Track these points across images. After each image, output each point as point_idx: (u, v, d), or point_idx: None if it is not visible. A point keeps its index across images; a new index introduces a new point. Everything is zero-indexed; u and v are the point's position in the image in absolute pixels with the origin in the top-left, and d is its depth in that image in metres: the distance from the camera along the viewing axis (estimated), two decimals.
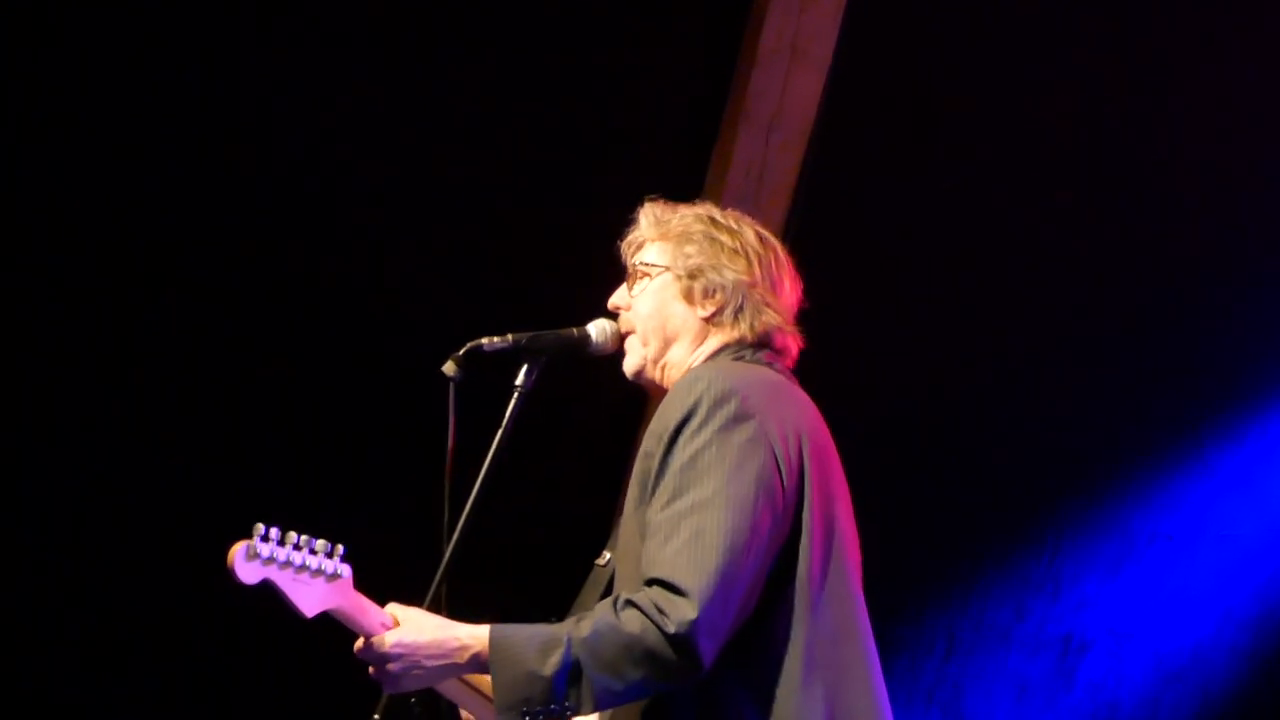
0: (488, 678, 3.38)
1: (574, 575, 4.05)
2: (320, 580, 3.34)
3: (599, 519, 6.23)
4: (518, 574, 6.37)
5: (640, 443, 3.44)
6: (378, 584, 3.48)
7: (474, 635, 3.35)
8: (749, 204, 6.29)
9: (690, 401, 3.38)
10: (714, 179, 6.43)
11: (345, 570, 3.37)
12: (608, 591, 3.58)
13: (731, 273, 3.62)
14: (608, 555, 3.66)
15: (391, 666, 3.37)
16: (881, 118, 6.68)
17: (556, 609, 3.69)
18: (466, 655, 3.35)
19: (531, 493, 6.35)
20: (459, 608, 3.50)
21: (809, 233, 6.44)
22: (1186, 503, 7.13)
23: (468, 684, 3.55)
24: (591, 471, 6.54)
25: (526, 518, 6.40)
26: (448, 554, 3.52)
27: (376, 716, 3.43)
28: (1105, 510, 7.11)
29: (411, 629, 3.38)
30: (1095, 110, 6.76)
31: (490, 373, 3.65)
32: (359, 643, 3.41)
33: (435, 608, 3.48)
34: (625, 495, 3.48)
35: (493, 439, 3.59)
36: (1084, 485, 7.11)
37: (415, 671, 3.37)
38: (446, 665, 3.37)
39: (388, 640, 3.37)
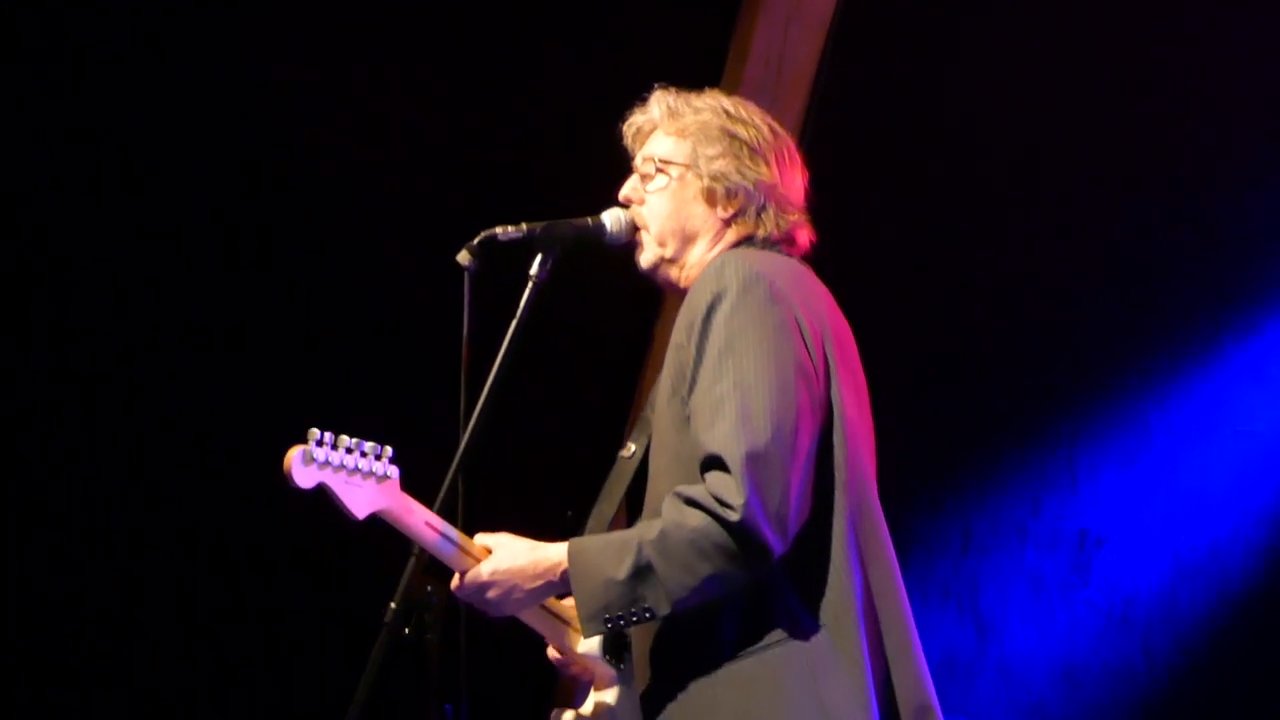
0: (569, 602, 3.40)
1: (589, 466, 4.04)
2: (370, 482, 3.36)
3: (615, 409, 6.25)
4: (534, 465, 6.38)
5: (659, 337, 3.42)
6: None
7: (562, 552, 3.36)
8: (767, 95, 6.24)
9: (719, 286, 3.37)
10: (732, 70, 6.37)
11: (393, 471, 3.39)
12: (635, 482, 3.58)
13: (754, 174, 3.59)
14: (632, 447, 3.64)
15: (491, 594, 3.39)
16: (901, 7, 6.60)
17: (572, 501, 3.68)
18: (559, 571, 3.36)
19: (547, 383, 6.34)
20: (475, 500, 3.49)
21: (827, 124, 6.39)
22: (1203, 397, 7.10)
23: (552, 613, 3.54)
24: (607, 362, 6.52)
25: (542, 408, 6.39)
26: (463, 444, 3.49)
27: (393, 605, 3.39)
28: (1122, 405, 7.09)
29: (506, 555, 3.40)
30: (1123, 9, 6.68)
31: (505, 262, 3.62)
32: (455, 580, 3.41)
33: (451, 499, 3.46)
34: (644, 386, 3.46)
35: (508, 329, 3.57)
36: (1100, 380, 7.09)
37: (515, 595, 3.39)
38: (543, 585, 3.39)
39: (484, 570, 3.38)
